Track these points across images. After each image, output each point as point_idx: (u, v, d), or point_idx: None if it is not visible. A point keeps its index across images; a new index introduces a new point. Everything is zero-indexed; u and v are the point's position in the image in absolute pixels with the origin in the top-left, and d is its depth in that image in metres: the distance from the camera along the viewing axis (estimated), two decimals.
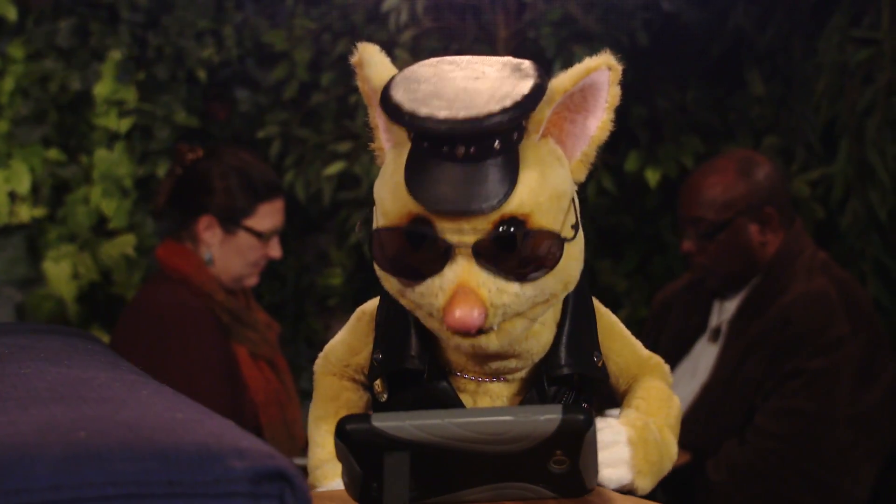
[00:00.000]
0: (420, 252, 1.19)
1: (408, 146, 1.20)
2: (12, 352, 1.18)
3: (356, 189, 4.00)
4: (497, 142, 1.17)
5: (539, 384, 1.27)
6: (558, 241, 1.20)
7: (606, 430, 1.26)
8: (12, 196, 4.09)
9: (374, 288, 1.31)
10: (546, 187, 1.20)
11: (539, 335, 1.26)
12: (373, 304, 1.35)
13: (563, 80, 1.23)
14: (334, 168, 3.96)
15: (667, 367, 1.37)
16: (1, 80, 4.07)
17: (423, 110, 1.16)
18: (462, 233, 1.17)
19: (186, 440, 0.82)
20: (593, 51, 3.70)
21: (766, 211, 3.05)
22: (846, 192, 3.50)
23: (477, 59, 1.24)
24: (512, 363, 1.26)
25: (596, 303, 1.35)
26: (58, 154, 4.12)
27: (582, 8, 3.66)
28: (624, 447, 1.26)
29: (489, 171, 1.17)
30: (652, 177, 3.82)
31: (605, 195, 3.89)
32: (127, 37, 4.14)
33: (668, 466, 1.33)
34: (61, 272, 4.08)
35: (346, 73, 4.06)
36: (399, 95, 1.18)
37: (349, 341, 1.36)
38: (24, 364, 1.09)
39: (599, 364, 1.31)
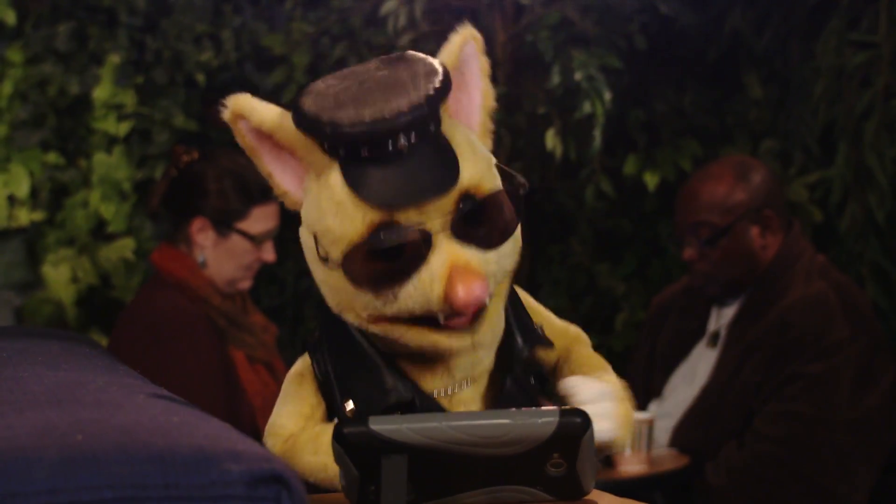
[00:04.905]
0: (398, 253, 1.18)
1: (332, 168, 1.20)
2: (10, 355, 1.18)
3: None
4: (431, 125, 1.19)
5: (509, 373, 1.26)
6: (508, 199, 1.22)
7: (591, 384, 1.25)
8: (11, 200, 4.09)
9: None
10: (481, 157, 1.23)
11: (498, 324, 1.26)
12: (305, 363, 1.28)
13: (448, 61, 1.24)
14: None
15: (585, 335, 1.37)
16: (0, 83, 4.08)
17: (361, 115, 1.16)
18: (431, 219, 1.18)
19: (183, 443, 0.82)
20: (591, 54, 3.73)
21: (765, 213, 3.06)
22: (844, 195, 3.50)
23: (359, 66, 1.25)
24: (480, 353, 1.25)
25: None
26: (57, 158, 4.12)
27: (579, 11, 3.66)
28: (611, 402, 1.25)
29: (432, 155, 1.19)
30: (650, 180, 3.83)
31: (603, 199, 3.90)
32: (125, 41, 4.15)
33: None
34: (60, 276, 4.09)
35: None
36: (323, 115, 1.18)
37: (297, 409, 1.28)
38: (21, 368, 1.09)
39: (545, 333, 1.31)
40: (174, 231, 3.11)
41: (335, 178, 1.19)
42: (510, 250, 1.23)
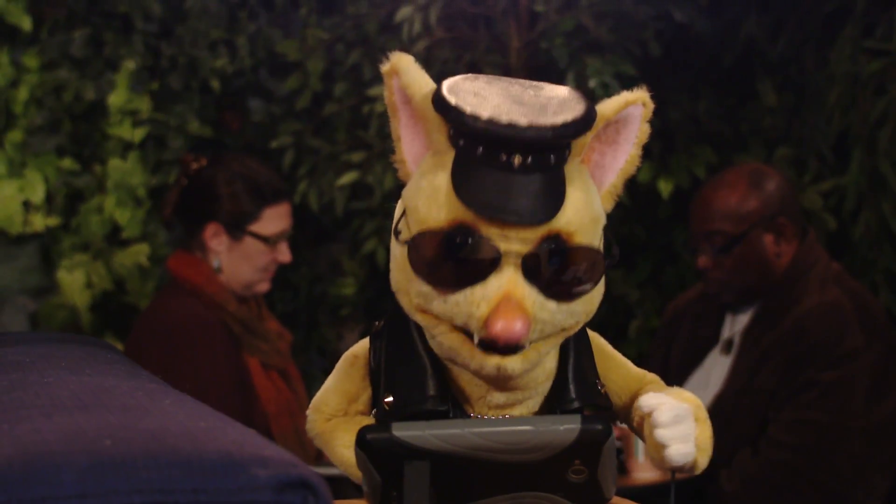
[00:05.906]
0: (463, 259, 1.17)
1: (449, 154, 1.20)
2: (33, 360, 1.19)
3: (369, 199, 4.00)
4: (552, 156, 1.17)
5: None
6: (601, 262, 1.22)
7: (670, 404, 1.23)
8: (26, 205, 4.10)
9: (387, 298, 1.29)
10: (590, 209, 1.22)
11: (543, 365, 1.25)
12: (362, 347, 1.30)
13: (604, 109, 1.24)
14: (347, 178, 3.97)
15: (662, 382, 1.36)
16: (15, 89, 4.08)
17: (486, 114, 1.15)
18: (509, 242, 1.17)
19: (210, 448, 0.82)
20: (605, 61, 3.73)
21: (779, 221, 3.06)
22: (858, 202, 3.50)
23: (524, 80, 1.25)
24: (518, 395, 1.25)
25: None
26: (72, 163, 4.13)
27: (594, 18, 3.67)
28: (691, 423, 1.24)
29: (540, 184, 1.17)
30: (664, 187, 3.82)
31: (617, 205, 3.88)
32: (141, 47, 4.16)
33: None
34: (75, 281, 4.09)
35: (359, 84, 4.07)
36: (457, 99, 1.17)
37: (344, 388, 1.30)
38: (45, 373, 1.10)
39: (603, 392, 1.30)
40: (188, 238, 3.12)
41: (444, 165, 1.19)
42: (575, 309, 1.21)
